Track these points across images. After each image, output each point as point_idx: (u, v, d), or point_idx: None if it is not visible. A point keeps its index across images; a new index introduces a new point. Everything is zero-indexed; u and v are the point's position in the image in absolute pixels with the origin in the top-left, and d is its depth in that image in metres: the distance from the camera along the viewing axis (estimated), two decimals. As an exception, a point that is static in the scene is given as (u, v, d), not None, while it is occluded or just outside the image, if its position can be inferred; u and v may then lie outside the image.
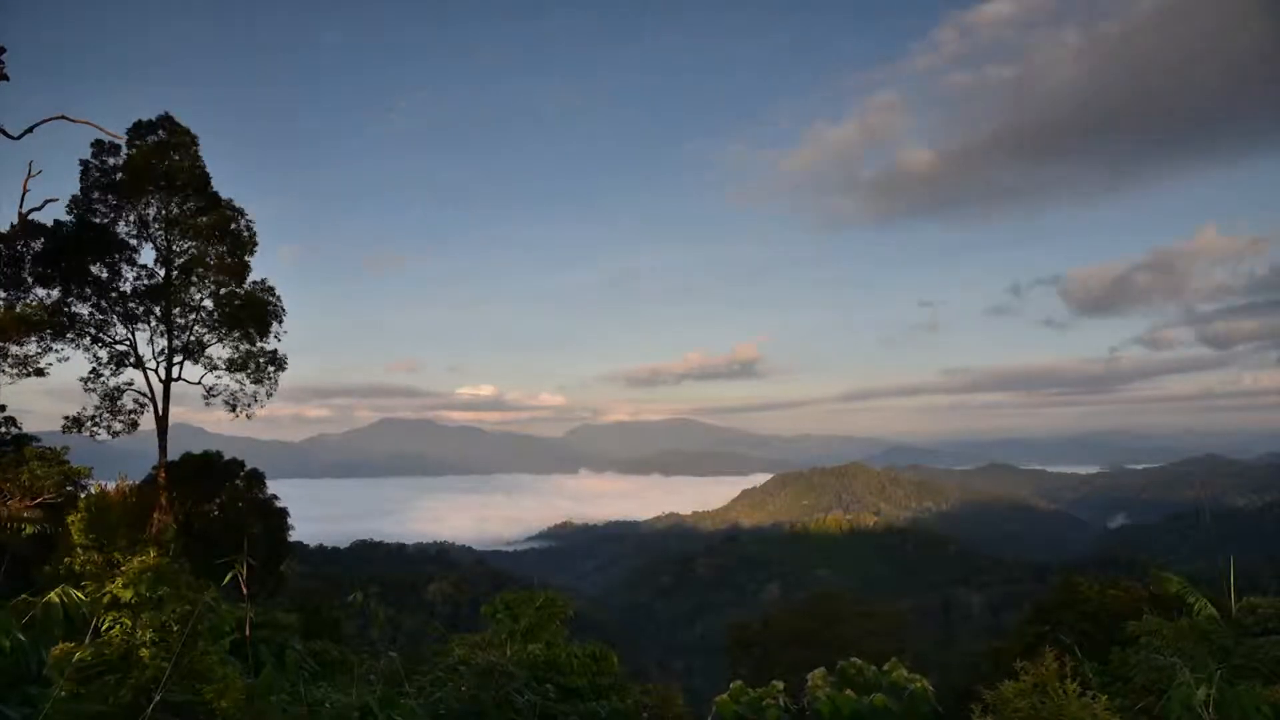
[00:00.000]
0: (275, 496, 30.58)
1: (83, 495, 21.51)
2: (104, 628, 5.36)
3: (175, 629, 5.19)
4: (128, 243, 28.27)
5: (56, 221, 26.99)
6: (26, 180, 22.16)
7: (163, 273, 28.58)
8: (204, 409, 30.68)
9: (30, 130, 20.13)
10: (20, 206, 23.24)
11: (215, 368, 29.56)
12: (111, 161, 27.52)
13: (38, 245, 26.68)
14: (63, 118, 21.74)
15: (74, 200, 27.33)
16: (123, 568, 5.69)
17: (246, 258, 29.22)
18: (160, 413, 28.00)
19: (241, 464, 30.43)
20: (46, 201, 24.40)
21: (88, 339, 27.96)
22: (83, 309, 27.83)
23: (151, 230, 28.42)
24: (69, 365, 28.18)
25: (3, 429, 24.33)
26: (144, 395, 28.39)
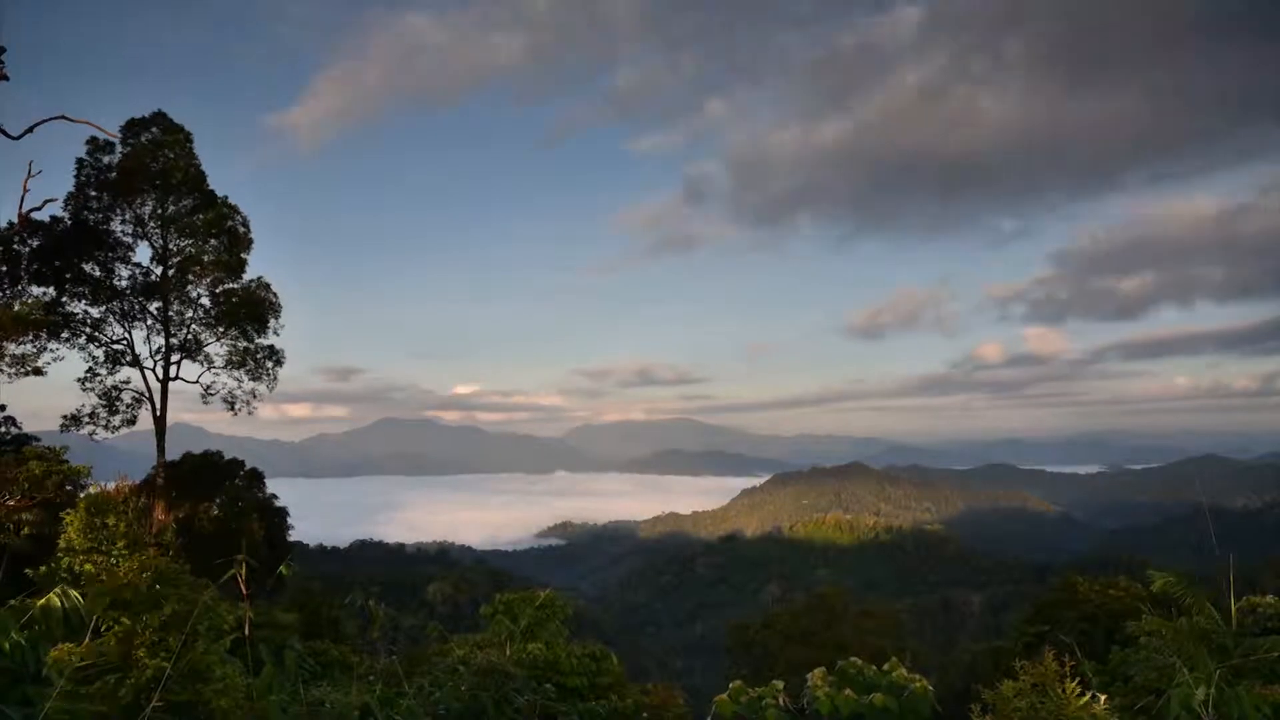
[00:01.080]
0: (275, 496, 30.60)
1: (82, 495, 21.50)
2: (104, 628, 5.36)
3: (175, 629, 5.19)
4: (123, 241, 28.25)
5: (53, 218, 26.96)
6: (26, 180, 22.14)
7: (159, 270, 28.56)
8: (204, 409, 30.69)
9: (30, 130, 20.10)
10: (20, 206, 23.22)
11: (213, 365, 29.55)
12: (106, 160, 27.48)
13: (34, 243, 26.66)
14: (63, 118, 21.71)
15: (69, 198, 27.29)
16: (122, 568, 5.69)
17: (243, 255, 29.20)
18: (158, 412, 27.99)
19: (241, 464, 30.44)
20: (46, 201, 24.37)
21: (84, 338, 27.95)
22: (79, 308, 27.83)
23: (147, 228, 28.39)
24: (68, 365, 28.19)
25: (2, 428, 24.32)
26: (141, 394, 28.38)
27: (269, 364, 29.93)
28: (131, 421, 28.54)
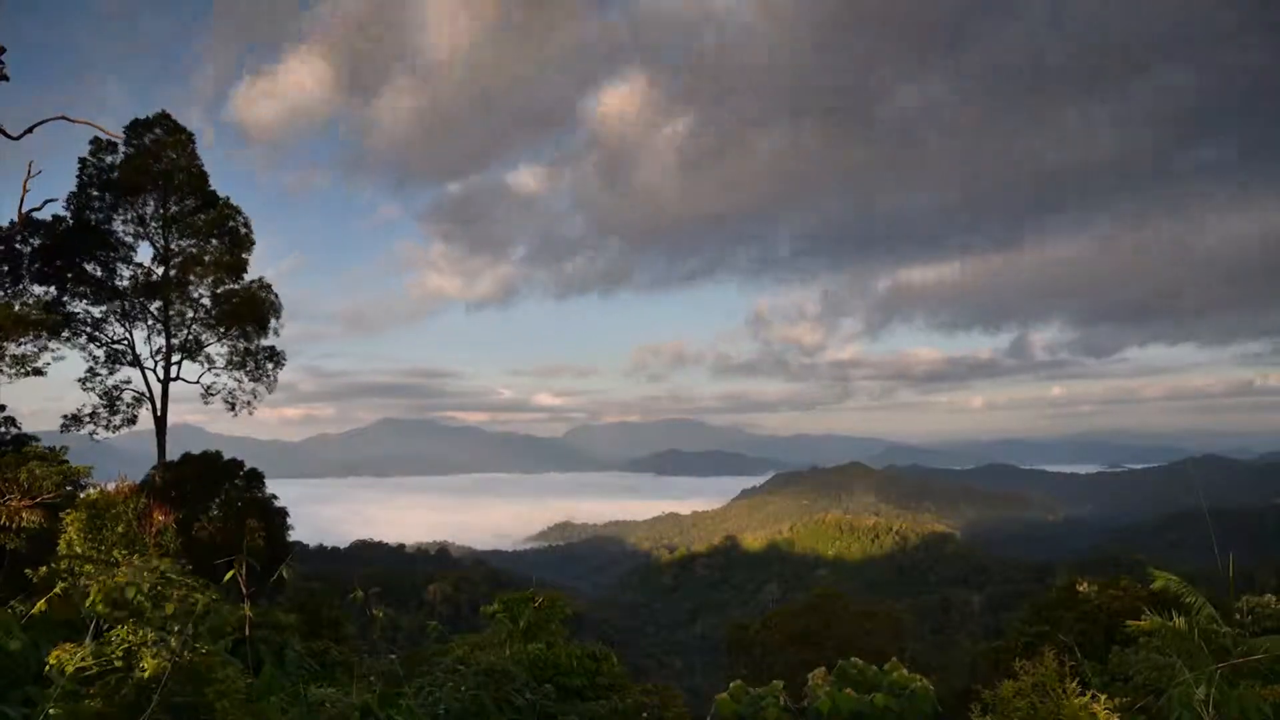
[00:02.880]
0: (275, 496, 30.56)
1: (82, 495, 21.48)
2: (104, 628, 5.36)
3: (175, 629, 5.20)
4: (125, 241, 28.29)
5: (55, 217, 26.98)
6: (26, 180, 22.14)
7: (160, 271, 28.59)
8: (204, 409, 30.78)
9: (30, 130, 20.10)
10: (20, 206, 23.22)
11: (213, 366, 29.59)
12: (109, 160, 27.53)
13: (35, 242, 26.68)
14: (63, 118, 21.72)
15: (71, 198, 27.33)
16: (122, 568, 5.70)
17: (244, 255, 29.24)
18: (159, 412, 28.00)
19: (241, 464, 30.40)
20: (46, 201, 24.38)
21: (85, 337, 27.97)
22: (80, 307, 27.85)
23: (149, 228, 28.44)
24: (69, 365, 28.20)
25: (2, 428, 24.31)
26: (142, 394, 28.40)
27: (269, 365, 29.97)
28: (132, 421, 28.59)
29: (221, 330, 29.21)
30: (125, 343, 28.52)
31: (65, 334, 27.39)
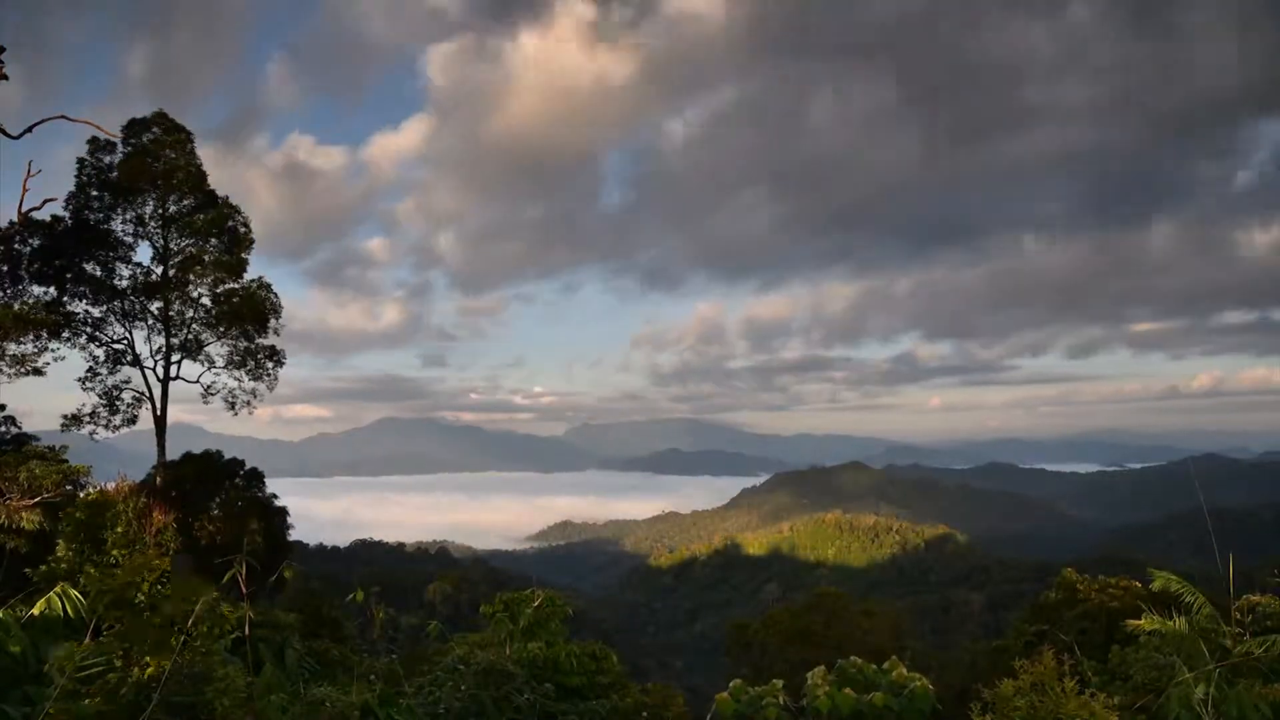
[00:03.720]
0: (275, 496, 30.59)
1: (81, 494, 21.48)
2: (104, 628, 5.36)
3: (175, 629, 5.20)
4: (124, 240, 28.28)
5: (54, 217, 26.97)
6: (26, 180, 22.12)
7: (160, 270, 28.59)
8: (204, 409, 30.75)
9: (30, 130, 20.10)
10: (20, 206, 23.20)
11: (213, 365, 29.57)
12: (107, 159, 27.51)
13: (34, 243, 26.67)
14: (63, 118, 21.69)
15: (70, 198, 27.31)
16: (122, 568, 5.70)
17: (243, 255, 29.22)
18: (159, 411, 28.00)
19: (241, 463, 30.44)
20: (46, 201, 24.31)
21: (84, 337, 27.96)
22: (79, 307, 27.84)
23: (148, 228, 28.42)
24: (69, 365, 28.17)
25: (2, 428, 24.32)
26: (142, 394, 28.39)
27: (269, 364, 29.96)
28: (132, 421, 28.57)
29: (221, 330, 29.19)
30: (125, 342, 28.52)
31: (65, 334, 27.39)
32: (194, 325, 29.15)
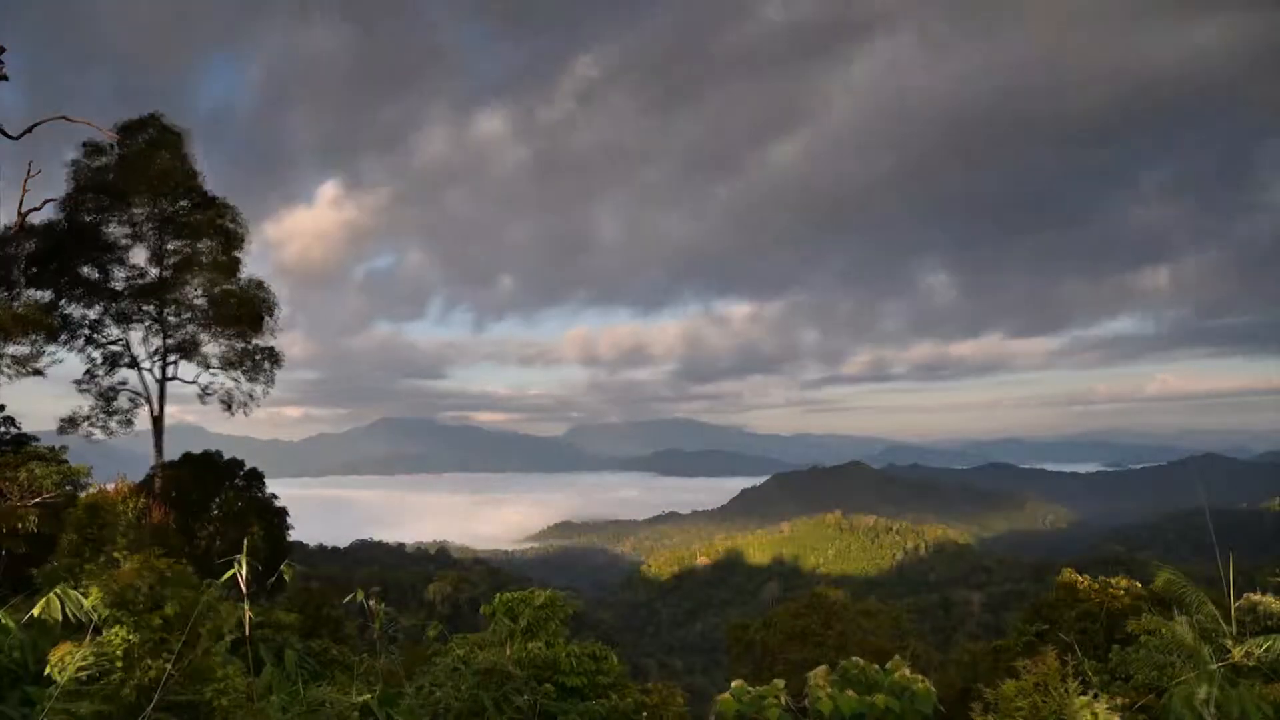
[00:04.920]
0: (274, 496, 30.56)
1: (81, 495, 21.47)
2: (104, 627, 5.35)
3: (175, 629, 5.19)
4: (119, 242, 28.20)
5: (48, 223, 26.92)
6: (26, 180, 22.14)
7: (155, 272, 28.52)
8: (204, 409, 30.65)
9: (30, 130, 20.12)
10: (20, 206, 23.21)
11: (210, 366, 29.48)
12: (102, 161, 27.42)
13: (30, 246, 26.61)
14: (63, 118, 21.74)
15: (66, 201, 27.22)
16: (122, 567, 5.69)
17: (237, 255, 29.14)
18: (156, 412, 27.97)
19: (241, 463, 30.40)
20: (45, 201, 24.38)
21: (82, 339, 27.90)
22: (76, 310, 27.77)
23: (143, 229, 28.33)
24: (67, 366, 28.13)
25: (1, 428, 24.30)
26: (139, 395, 28.34)
27: (266, 364, 29.88)
28: (129, 422, 28.50)
29: (217, 330, 29.11)
30: (122, 344, 28.46)
31: (63, 336, 27.34)
32: (190, 326, 29.08)
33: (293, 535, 31.69)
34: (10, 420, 24.59)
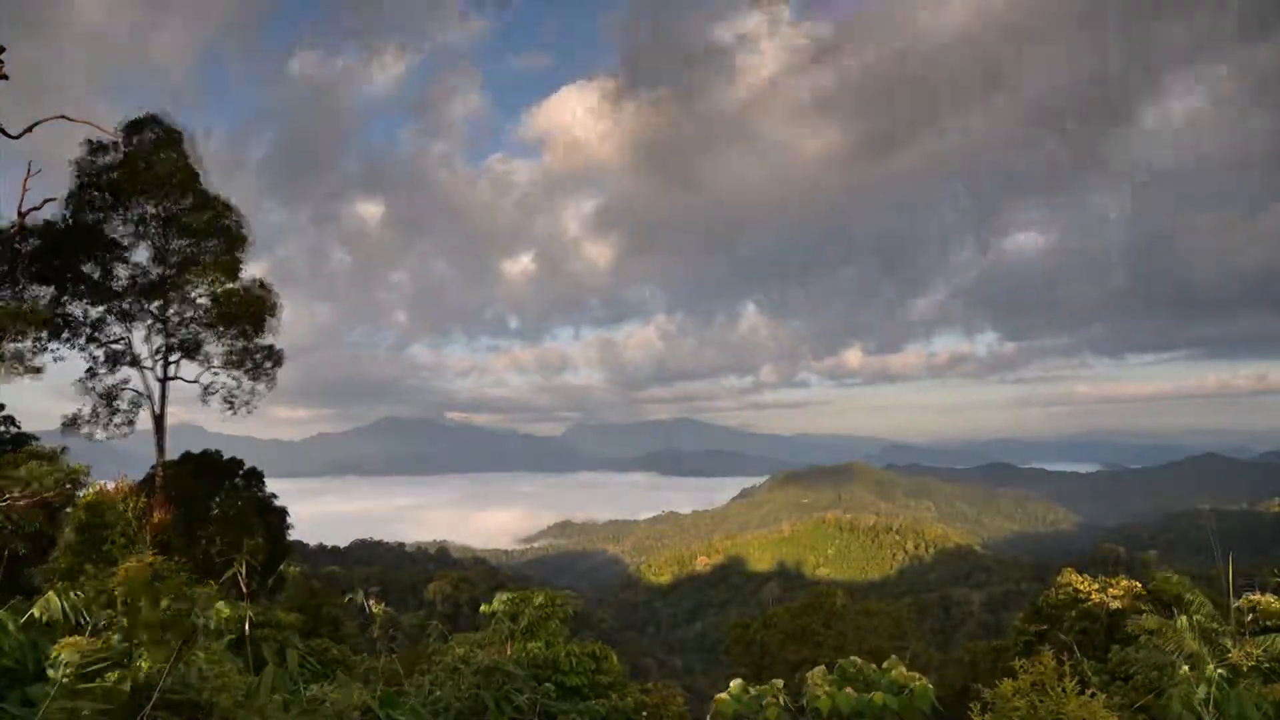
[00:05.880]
0: (275, 496, 30.56)
1: (81, 494, 21.49)
2: (103, 627, 5.36)
3: (175, 628, 5.19)
4: (121, 241, 28.25)
5: (47, 222, 26.93)
6: (26, 179, 22.14)
7: (157, 271, 28.55)
8: (204, 408, 30.64)
9: (30, 130, 20.11)
10: (20, 206, 23.22)
11: (212, 365, 29.54)
12: (105, 160, 27.47)
13: (32, 243, 26.64)
14: (63, 118, 21.74)
15: (69, 199, 27.28)
16: (122, 567, 5.69)
17: (240, 254, 29.19)
18: (158, 411, 28.00)
19: (241, 463, 30.39)
20: (46, 200, 24.37)
21: (84, 338, 27.93)
22: (78, 308, 27.81)
23: (146, 228, 28.38)
24: (68, 365, 28.15)
25: (1, 428, 24.32)
26: (141, 394, 28.38)
27: (268, 364, 29.91)
28: (131, 421, 28.54)
29: (220, 330, 29.16)
30: (124, 343, 28.50)
31: (65, 335, 27.38)
32: (192, 325, 29.11)
33: (293, 535, 31.67)
34: (10, 420, 24.61)
